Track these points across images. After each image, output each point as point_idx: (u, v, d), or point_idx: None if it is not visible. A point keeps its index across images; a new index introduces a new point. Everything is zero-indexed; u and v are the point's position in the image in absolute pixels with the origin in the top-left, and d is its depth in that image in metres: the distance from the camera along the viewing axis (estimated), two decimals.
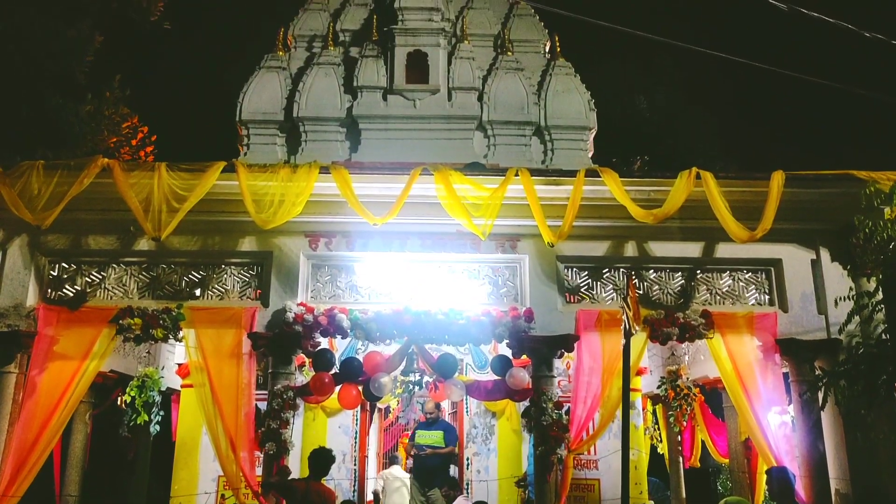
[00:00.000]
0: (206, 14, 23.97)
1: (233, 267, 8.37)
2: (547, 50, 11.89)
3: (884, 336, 7.70)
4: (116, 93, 15.52)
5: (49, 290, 8.21)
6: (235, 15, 25.38)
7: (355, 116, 10.87)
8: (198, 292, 8.27)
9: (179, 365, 10.44)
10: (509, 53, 11.36)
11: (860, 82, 10.48)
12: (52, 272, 8.27)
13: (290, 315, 7.85)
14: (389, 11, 11.36)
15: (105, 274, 8.30)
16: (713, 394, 11.12)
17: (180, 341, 8.20)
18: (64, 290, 8.24)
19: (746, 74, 22.66)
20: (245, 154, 10.85)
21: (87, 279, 8.28)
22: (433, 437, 10.07)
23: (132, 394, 10.24)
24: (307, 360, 8.74)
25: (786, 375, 8.24)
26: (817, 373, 7.79)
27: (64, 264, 8.32)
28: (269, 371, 7.98)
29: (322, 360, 8.18)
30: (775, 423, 7.74)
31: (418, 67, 11.07)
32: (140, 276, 8.32)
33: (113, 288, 8.25)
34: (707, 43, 9.10)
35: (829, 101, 22.87)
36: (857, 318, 7.61)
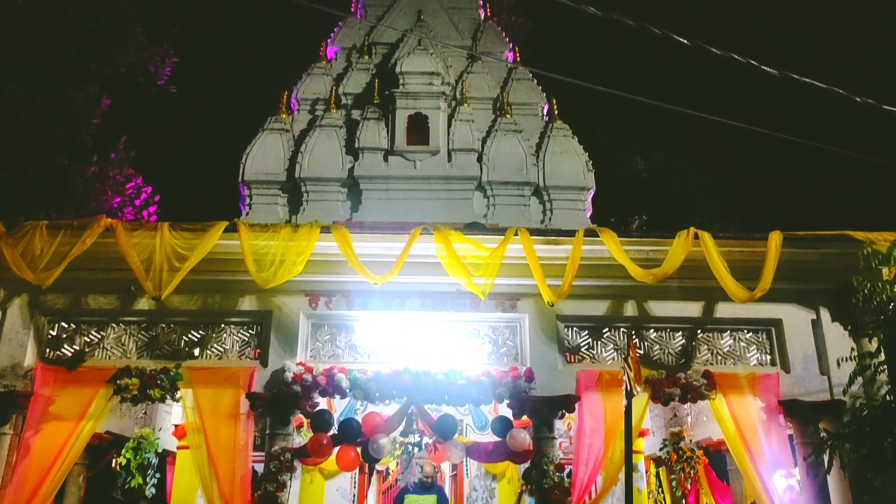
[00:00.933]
0: (212, 78, 24.61)
1: (232, 326, 8.35)
2: (545, 112, 12.17)
3: (888, 397, 7.62)
4: (121, 154, 15.75)
5: (48, 350, 8.17)
6: (240, 79, 26.02)
7: (356, 177, 11.03)
8: (196, 352, 8.24)
9: (176, 426, 10.31)
10: (508, 116, 11.60)
11: (856, 144, 10.64)
12: (51, 332, 8.25)
13: (289, 375, 7.79)
14: (391, 76, 11.67)
15: (104, 333, 8.27)
16: (717, 456, 10.93)
17: (178, 401, 8.13)
18: (62, 350, 8.20)
19: (744, 135, 23.04)
20: (247, 214, 10.97)
21: (85, 339, 8.25)
22: (428, 502, 9.86)
23: (127, 455, 10.07)
24: (305, 421, 8.64)
25: (791, 437, 8.13)
26: (822, 434, 7.68)
27: (63, 324, 8.30)
28: (267, 432, 7.88)
29: (320, 420, 8.08)
30: (781, 487, 7.60)
31: (419, 129, 11.30)
32: (139, 335, 8.30)
33: (112, 347, 8.22)
34: (704, 105, 9.26)
35: (827, 162, 23.18)
36: (859, 378, 7.58)
